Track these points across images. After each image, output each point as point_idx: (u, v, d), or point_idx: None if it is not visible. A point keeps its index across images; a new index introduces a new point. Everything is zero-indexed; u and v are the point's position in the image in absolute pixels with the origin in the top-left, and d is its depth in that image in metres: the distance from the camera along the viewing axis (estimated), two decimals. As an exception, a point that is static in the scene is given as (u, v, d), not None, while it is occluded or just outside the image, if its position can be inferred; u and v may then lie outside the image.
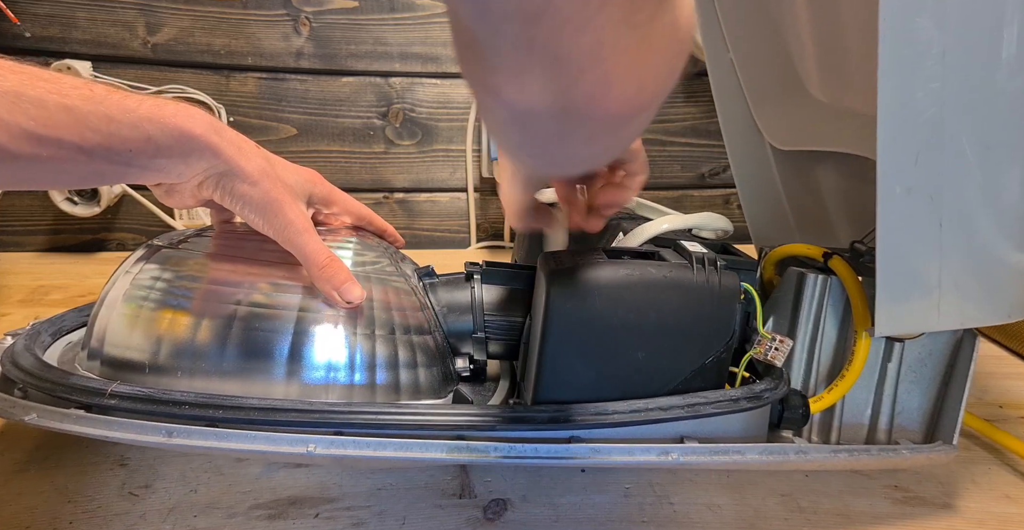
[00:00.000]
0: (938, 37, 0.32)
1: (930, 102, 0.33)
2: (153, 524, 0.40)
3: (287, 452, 0.36)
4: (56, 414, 0.37)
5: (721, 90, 0.61)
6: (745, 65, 0.60)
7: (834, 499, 0.45)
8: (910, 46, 0.32)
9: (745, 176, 0.63)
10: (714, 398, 0.38)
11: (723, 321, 0.39)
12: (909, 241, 0.36)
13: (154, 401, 0.36)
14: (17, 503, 0.41)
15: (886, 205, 0.34)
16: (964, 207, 0.36)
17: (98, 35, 0.80)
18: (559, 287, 0.38)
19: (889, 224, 0.35)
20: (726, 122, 0.62)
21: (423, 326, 0.44)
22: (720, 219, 0.52)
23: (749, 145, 0.61)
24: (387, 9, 0.83)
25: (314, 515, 0.41)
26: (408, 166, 0.91)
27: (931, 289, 0.37)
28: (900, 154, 0.34)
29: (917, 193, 0.35)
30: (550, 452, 0.37)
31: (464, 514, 0.42)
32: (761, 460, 0.39)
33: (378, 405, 0.38)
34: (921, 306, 0.38)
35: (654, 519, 0.42)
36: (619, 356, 0.39)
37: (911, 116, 0.33)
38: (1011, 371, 0.64)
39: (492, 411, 0.39)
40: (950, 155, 0.34)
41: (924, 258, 0.37)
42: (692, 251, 0.40)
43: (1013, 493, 0.46)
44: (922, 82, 0.33)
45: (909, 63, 0.32)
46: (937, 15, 0.31)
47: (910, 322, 0.39)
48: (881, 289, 0.37)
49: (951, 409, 0.44)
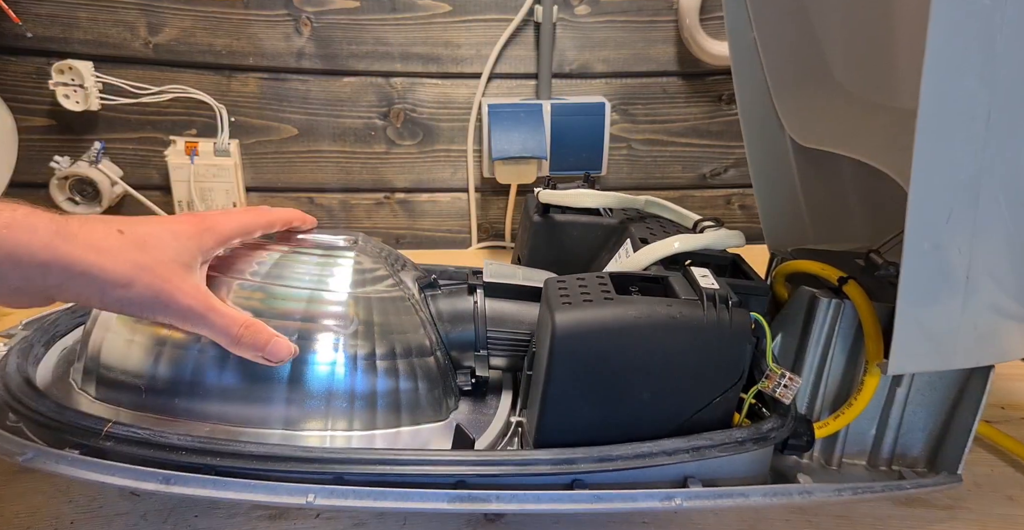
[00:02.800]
0: (985, 98, 0.30)
1: (970, 163, 0.32)
2: (154, 524, 0.40)
3: (286, 503, 0.36)
4: (51, 456, 0.36)
5: (742, 75, 0.57)
6: (769, 47, 0.56)
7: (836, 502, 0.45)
8: (955, 108, 0.31)
9: (762, 170, 0.60)
10: (719, 441, 0.38)
11: (732, 361, 0.38)
12: (933, 291, 0.35)
13: (151, 445, 0.36)
14: (19, 503, 0.41)
15: (912, 258, 0.34)
16: (993, 260, 0.35)
17: (99, 35, 0.80)
18: (566, 329, 0.37)
19: (913, 275, 0.34)
20: (745, 112, 0.58)
21: (424, 346, 0.44)
22: (733, 237, 0.49)
23: (768, 138, 0.58)
24: (388, 9, 0.83)
25: (315, 516, 0.41)
26: (409, 166, 0.91)
27: (950, 333, 0.37)
28: (932, 212, 0.33)
29: (946, 248, 0.34)
30: (552, 499, 0.37)
31: (465, 515, 0.42)
32: (765, 503, 0.39)
33: (378, 452, 0.38)
34: (938, 350, 0.37)
35: (655, 520, 0.42)
36: (625, 397, 0.38)
37: (948, 176, 0.32)
38: (1013, 372, 0.63)
39: (493, 458, 0.38)
40: (984, 212, 0.33)
41: (947, 307, 0.36)
42: (703, 287, 0.39)
43: (1016, 494, 0.46)
44: (964, 144, 0.31)
45: (951, 124, 0.31)
46: (986, 76, 0.30)
47: (925, 363, 0.39)
48: (899, 332, 0.36)
49: (958, 436, 0.43)
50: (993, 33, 0.29)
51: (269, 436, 0.39)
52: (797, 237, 0.60)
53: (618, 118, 0.90)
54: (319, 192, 0.91)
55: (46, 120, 0.83)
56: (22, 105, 0.81)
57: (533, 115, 0.85)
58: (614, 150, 0.91)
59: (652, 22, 0.86)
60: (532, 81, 0.88)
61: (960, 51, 0.30)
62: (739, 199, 0.95)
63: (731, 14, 0.56)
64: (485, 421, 0.45)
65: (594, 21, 0.86)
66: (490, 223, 0.95)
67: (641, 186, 0.94)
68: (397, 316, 0.43)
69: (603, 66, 0.88)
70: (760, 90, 0.58)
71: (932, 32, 0.29)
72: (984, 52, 0.30)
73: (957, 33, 0.29)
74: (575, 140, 0.87)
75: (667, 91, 0.90)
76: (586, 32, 0.86)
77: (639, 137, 0.92)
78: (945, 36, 0.29)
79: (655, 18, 0.86)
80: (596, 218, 0.60)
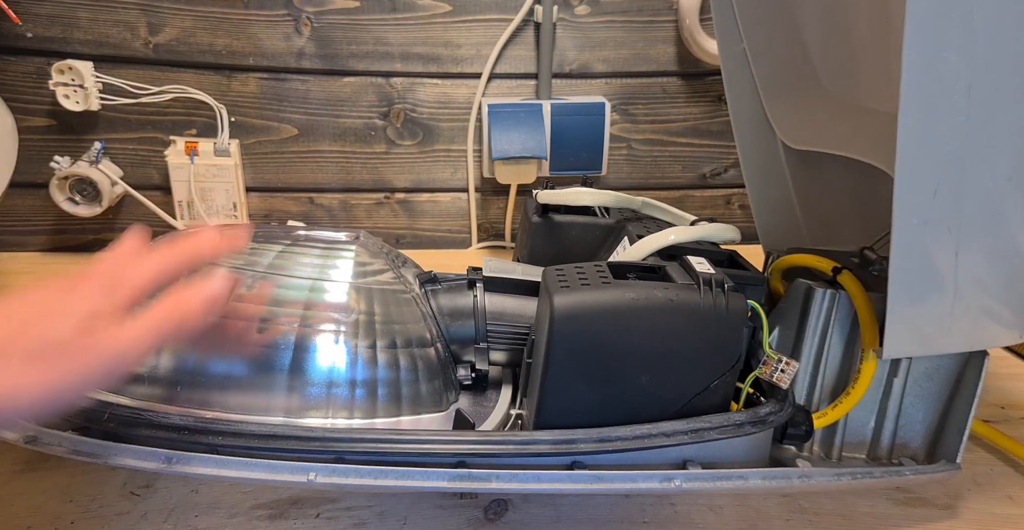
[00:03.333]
0: (965, 71, 0.31)
1: (953, 136, 0.32)
2: (154, 524, 0.40)
3: (287, 481, 0.36)
4: (54, 437, 0.36)
5: (733, 82, 0.59)
6: (758, 55, 0.57)
7: (836, 500, 0.45)
8: (935, 81, 0.31)
9: (755, 173, 0.61)
10: (718, 423, 0.38)
11: (729, 344, 0.38)
12: (923, 270, 0.35)
13: (153, 426, 0.36)
14: (19, 502, 0.41)
15: (901, 235, 0.34)
16: (982, 237, 0.35)
17: (100, 35, 0.80)
18: (564, 311, 0.37)
19: (903, 253, 0.34)
20: (737, 117, 0.60)
21: (425, 338, 0.44)
22: (728, 230, 0.50)
23: (760, 141, 0.60)
24: (388, 9, 0.83)
25: (315, 515, 0.41)
26: (409, 166, 0.91)
27: (943, 315, 0.37)
28: (918, 187, 0.33)
29: (934, 225, 0.34)
30: (552, 479, 0.37)
31: (465, 514, 0.42)
32: (764, 486, 0.39)
33: (379, 432, 0.38)
34: (932, 332, 0.37)
35: (655, 519, 0.42)
36: (623, 380, 0.38)
37: (932, 150, 0.32)
38: (1013, 372, 0.63)
39: (494, 437, 0.38)
40: (970, 187, 0.33)
41: (938, 286, 0.36)
42: (699, 272, 0.39)
43: (1015, 494, 0.46)
44: (946, 117, 0.32)
45: (933, 98, 0.31)
46: (965, 49, 0.30)
47: (919, 346, 0.39)
48: (891, 314, 0.36)
49: (956, 425, 0.43)
50: (971, 5, 0.30)
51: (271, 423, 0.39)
52: (791, 238, 0.61)
53: (618, 118, 0.90)
54: (319, 192, 0.91)
55: (46, 120, 0.83)
56: (22, 105, 0.81)
57: (533, 115, 0.85)
58: (614, 150, 0.91)
59: (652, 22, 0.86)
60: (532, 81, 0.88)
61: (940, 23, 0.30)
62: (739, 199, 0.95)
63: (721, 25, 0.58)
64: (485, 413, 0.45)
65: (594, 21, 0.86)
66: (490, 223, 0.95)
67: (641, 186, 0.94)
68: (398, 307, 0.43)
69: (603, 66, 0.88)
70: (751, 96, 0.59)
71: (911, 6, 0.29)
72: (963, 25, 0.30)
73: (936, 5, 0.29)
74: (575, 140, 0.87)
75: (667, 91, 0.90)
76: (586, 32, 0.86)
77: (639, 137, 0.92)
78: (924, 10, 0.29)
79: (655, 18, 0.86)
80: (594, 218, 0.60)
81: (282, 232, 0.47)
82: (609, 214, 0.61)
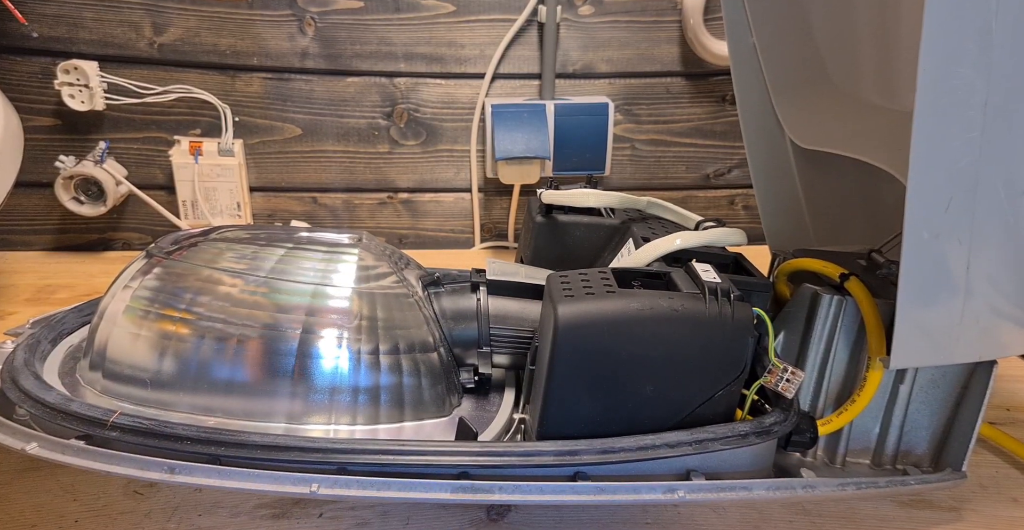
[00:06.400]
0: (981, 86, 0.30)
1: (968, 151, 0.32)
2: (158, 523, 0.40)
3: (290, 492, 0.36)
4: (57, 445, 0.36)
5: (741, 78, 0.58)
6: (768, 50, 0.56)
7: (839, 502, 0.44)
8: (950, 95, 0.31)
9: (762, 173, 0.60)
10: (722, 434, 0.38)
11: (735, 354, 0.38)
12: (934, 283, 0.35)
13: (156, 435, 0.36)
14: (24, 501, 0.41)
15: (912, 248, 0.33)
16: (994, 250, 0.35)
17: (105, 35, 0.80)
18: (568, 321, 0.37)
19: (914, 266, 0.34)
20: (745, 115, 0.59)
21: (427, 342, 0.44)
22: (734, 234, 0.49)
23: (768, 140, 0.59)
24: (392, 9, 0.83)
25: (318, 515, 0.41)
26: (412, 166, 0.91)
27: (952, 326, 0.36)
28: (931, 201, 0.33)
29: (945, 238, 0.33)
30: (555, 491, 0.37)
31: (468, 515, 0.42)
32: (769, 496, 0.38)
33: (381, 443, 0.38)
34: (940, 342, 0.37)
35: (658, 521, 0.42)
36: (627, 390, 0.38)
37: (946, 164, 0.32)
38: (1018, 374, 0.63)
39: (496, 449, 0.38)
40: (983, 201, 0.33)
41: (948, 298, 0.36)
42: (705, 281, 0.39)
43: (1020, 496, 0.46)
44: (961, 131, 0.31)
45: (948, 113, 0.31)
46: (981, 64, 0.30)
47: (928, 356, 0.38)
48: (900, 325, 0.36)
49: (962, 433, 0.43)
50: (988, 20, 0.29)
51: (273, 430, 0.39)
52: (799, 239, 0.60)
53: (622, 118, 0.90)
54: (322, 192, 0.91)
55: (51, 120, 0.83)
56: (28, 105, 0.82)
57: (536, 115, 0.85)
58: (618, 150, 0.91)
59: (656, 22, 0.86)
60: (536, 81, 0.88)
61: (956, 38, 0.30)
62: (743, 200, 0.95)
63: (730, 19, 0.57)
64: (488, 418, 0.45)
65: (598, 21, 0.86)
66: (493, 223, 0.95)
67: (645, 186, 0.94)
68: (400, 312, 0.43)
69: (607, 66, 0.88)
70: (760, 93, 0.58)
71: (928, 19, 0.29)
72: (980, 40, 0.30)
73: (953, 20, 0.29)
74: (578, 140, 0.87)
75: (671, 91, 0.90)
76: (590, 32, 0.86)
77: (643, 137, 0.92)
78: (941, 23, 0.29)
79: (659, 18, 0.86)
80: (598, 219, 0.60)
81: (285, 234, 0.47)
82: (614, 214, 0.61)
